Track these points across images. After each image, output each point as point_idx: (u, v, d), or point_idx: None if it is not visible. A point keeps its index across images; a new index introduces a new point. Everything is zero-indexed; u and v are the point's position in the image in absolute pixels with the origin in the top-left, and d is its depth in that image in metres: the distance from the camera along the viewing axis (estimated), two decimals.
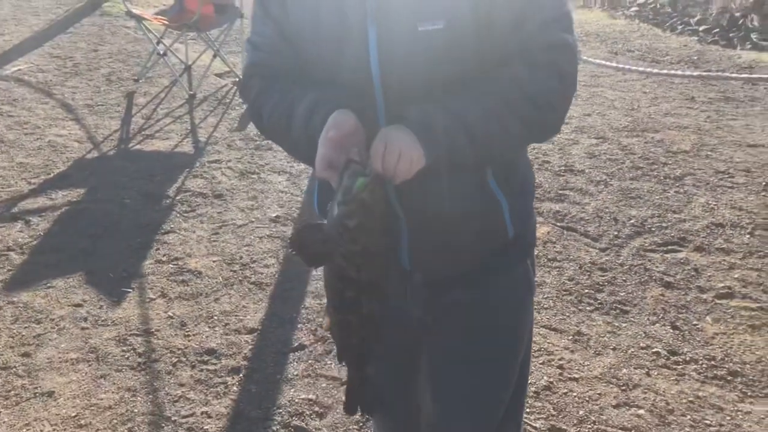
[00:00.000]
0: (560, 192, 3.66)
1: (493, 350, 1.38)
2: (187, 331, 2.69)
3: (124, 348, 2.60)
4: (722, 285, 2.91)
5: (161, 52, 5.22)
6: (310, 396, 2.37)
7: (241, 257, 3.16)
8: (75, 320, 2.74)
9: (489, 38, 1.13)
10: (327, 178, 1.10)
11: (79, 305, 2.83)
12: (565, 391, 2.38)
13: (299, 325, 2.72)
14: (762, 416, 2.25)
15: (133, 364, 2.53)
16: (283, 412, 2.30)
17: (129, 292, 2.93)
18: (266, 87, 1.25)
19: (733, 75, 4.19)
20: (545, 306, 2.80)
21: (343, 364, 1.27)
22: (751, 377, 2.42)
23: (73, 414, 2.30)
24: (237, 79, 5.36)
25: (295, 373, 2.48)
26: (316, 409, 2.32)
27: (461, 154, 1.11)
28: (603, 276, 2.99)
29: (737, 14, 6.89)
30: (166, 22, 5.20)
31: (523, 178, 1.32)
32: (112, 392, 2.39)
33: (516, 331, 1.40)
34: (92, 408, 2.32)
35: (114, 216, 3.51)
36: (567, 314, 2.75)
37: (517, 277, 1.37)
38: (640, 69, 4.65)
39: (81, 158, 4.14)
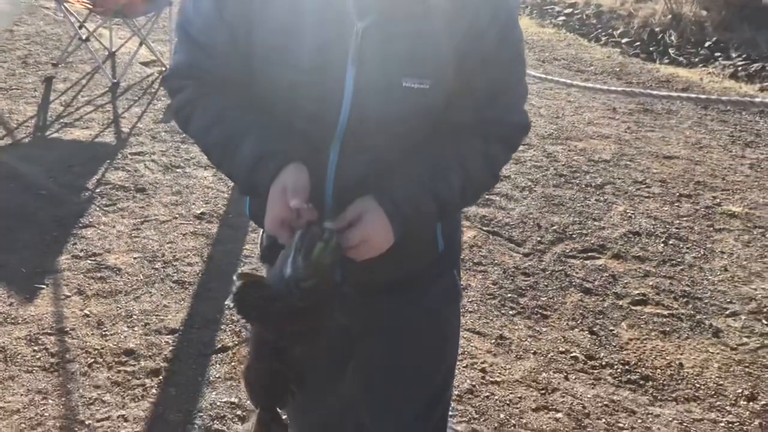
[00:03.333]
0: (487, 197, 3.73)
1: (421, 355, 1.40)
2: (104, 331, 2.59)
3: (36, 348, 2.48)
4: (637, 292, 3.03)
5: (83, 37, 5.01)
6: (233, 399, 2.33)
7: (163, 254, 3.07)
8: None
9: (462, 104, 1.15)
10: (277, 236, 1.07)
11: None
12: (487, 394, 2.43)
13: (222, 326, 2.66)
14: (670, 419, 2.36)
15: (45, 365, 2.41)
16: (204, 416, 2.25)
17: (42, 288, 2.79)
18: (203, 96, 1.17)
19: (654, 92, 4.38)
20: (470, 309, 2.84)
21: (256, 405, 1.25)
22: (661, 381, 2.53)
23: None
24: (163, 69, 5.20)
25: (218, 375, 2.43)
26: (238, 412, 2.28)
27: (424, 223, 1.17)
28: (526, 281, 3.06)
29: (657, 29, 7.20)
30: (89, 6, 4.98)
31: None
32: (21, 395, 2.28)
33: (444, 337, 1.42)
34: None
35: (28, 208, 3.34)
36: (490, 318, 2.81)
37: (445, 286, 1.39)
38: (566, 81, 4.79)
39: None
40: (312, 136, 1.14)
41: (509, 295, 2.96)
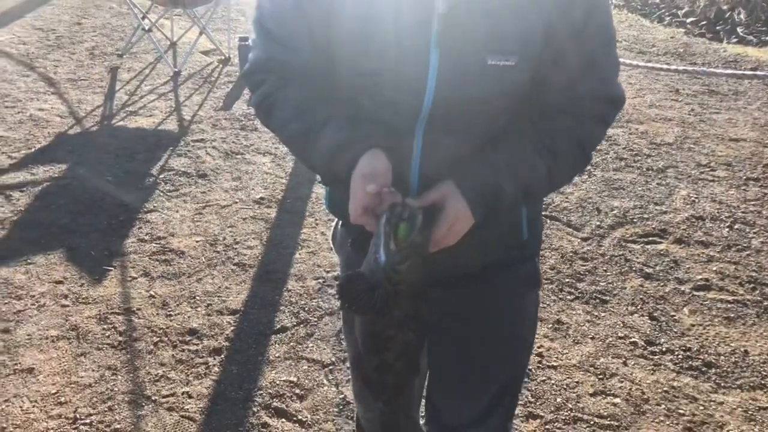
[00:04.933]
0: None
1: (499, 339, 1.39)
2: (168, 311, 2.69)
3: (105, 326, 2.59)
4: (700, 277, 2.95)
5: (146, 28, 5.15)
6: (291, 378, 2.38)
7: (224, 238, 3.15)
8: (55, 297, 2.72)
9: (552, 80, 1.13)
10: (363, 224, 1.08)
11: (59, 282, 2.81)
12: (544, 378, 2.41)
13: (281, 308, 2.72)
14: (734, 407, 2.30)
15: (114, 343, 2.52)
16: (264, 394, 2.32)
17: (110, 270, 2.91)
18: (283, 87, 1.17)
19: (718, 70, 4.22)
20: None
21: (377, 400, 1.26)
22: (725, 368, 2.46)
23: (53, 391, 2.29)
24: (222, 57, 5.31)
25: (277, 355, 2.49)
26: (297, 391, 2.34)
27: (507, 208, 1.16)
28: (584, 266, 3.02)
29: (724, 7, 6.92)
30: None
31: None
32: (93, 370, 2.39)
33: (522, 321, 1.42)
34: (72, 386, 2.32)
35: (96, 193, 3.47)
36: (548, 303, 2.78)
37: (526, 273, 1.38)
38: (628, 62, 4.67)
39: (63, 133, 4.09)
40: (396, 123, 1.13)
41: (567, 280, 2.92)
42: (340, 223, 1.43)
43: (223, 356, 2.48)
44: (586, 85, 1.14)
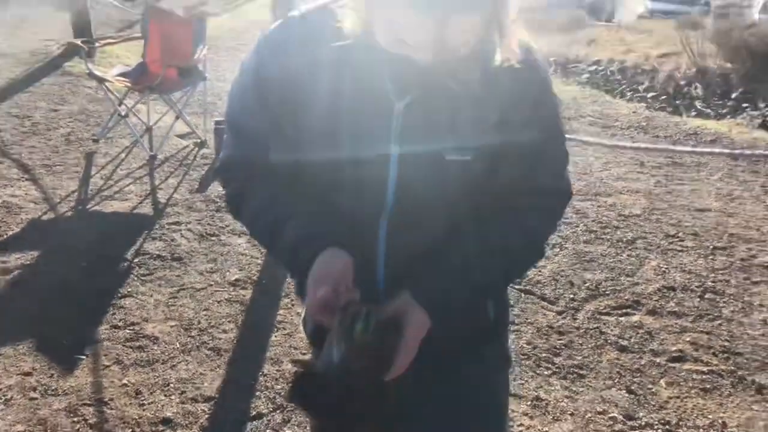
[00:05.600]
0: None
1: (470, 426, 1.38)
2: (141, 400, 2.63)
3: (75, 419, 2.53)
4: (675, 348, 2.98)
5: (123, 113, 5.23)
6: None
7: (199, 322, 3.12)
8: (23, 390, 2.65)
9: (502, 175, 1.16)
10: (321, 321, 1.08)
11: (28, 374, 2.75)
12: None
13: (257, 393, 2.68)
14: None
15: None
16: None
17: (82, 359, 2.86)
18: (252, 184, 1.21)
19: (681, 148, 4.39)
20: None
21: None
22: None
23: None
24: (198, 140, 5.38)
25: None
26: None
27: (463, 311, 1.17)
28: (560, 339, 3.03)
29: (682, 82, 7.24)
30: (128, 84, 5.23)
31: None
32: None
33: (498, 405, 1.40)
34: None
35: (69, 279, 3.44)
36: (526, 379, 2.78)
37: (496, 354, 1.38)
38: (592, 140, 4.84)
39: (36, 219, 4.07)
40: (360, 218, 1.16)
41: (544, 354, 2.93)
42: None
43: None
44: (535, 180, 1.19)
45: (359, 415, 1.06)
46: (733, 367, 2.85)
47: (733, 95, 6.82)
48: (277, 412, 2.58)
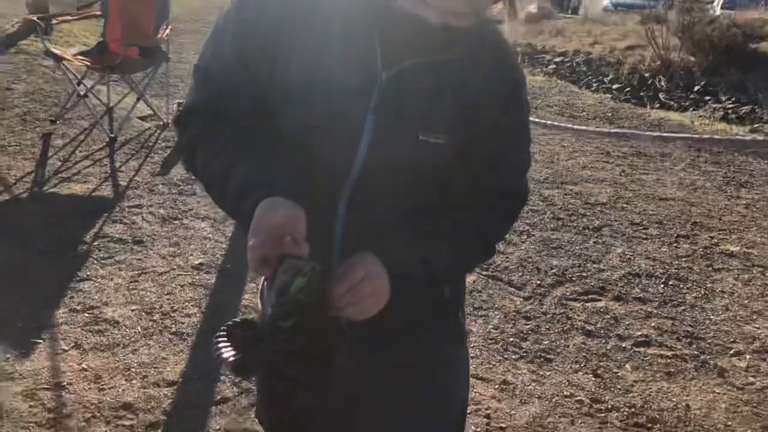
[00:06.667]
0: None
1: (430, 400, 1.36)
2: (102, 385, 2.55)
3: (32, 403, 2.44)
4: (639, 333, 3.00)
5: (81, 93, 5.07)
6: None
7: (161, 306, 3.04)
8: None
9: (463, 170, 1.15)
10: (261, 275, 1.03)
11: None
12: None
13: (222, 378, 2.62)
14: None
15: (42, 421, 2.36)
16: None
17: (39, 343, 2.76)
18: (211, 132, 1.12)
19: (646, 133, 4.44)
20: (472, 355, 2.81)
21: None
22: (669, 424, 2.49)
23: None
24: (161, 123, 5.26)
25: (217, 427, 2.38)
26: None
27: (410, 287, 1.13)
28: (527, 324, 3.04)
29: (646, 75, 7.33)
30: (87, 63, 5.06)
31: None
32: None
33: (452, 379, 1.39)
34: None
35: (26, 263, 3.32)
36: (494, 363, 2.77)
37: (451, 330, 1.37)
38: (560, 125, 4.86)
39: None
40: (322, 184, 1.12)
41: (511, 339, 2.93)
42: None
43: (160, 431, 2.35)
44: (495, 180, 1.19)
45: (293, 379, 0.98)
46: (696, 352, 2.89)
47: (696, 88, 6.93)
48: (242, 396, 2.52)
